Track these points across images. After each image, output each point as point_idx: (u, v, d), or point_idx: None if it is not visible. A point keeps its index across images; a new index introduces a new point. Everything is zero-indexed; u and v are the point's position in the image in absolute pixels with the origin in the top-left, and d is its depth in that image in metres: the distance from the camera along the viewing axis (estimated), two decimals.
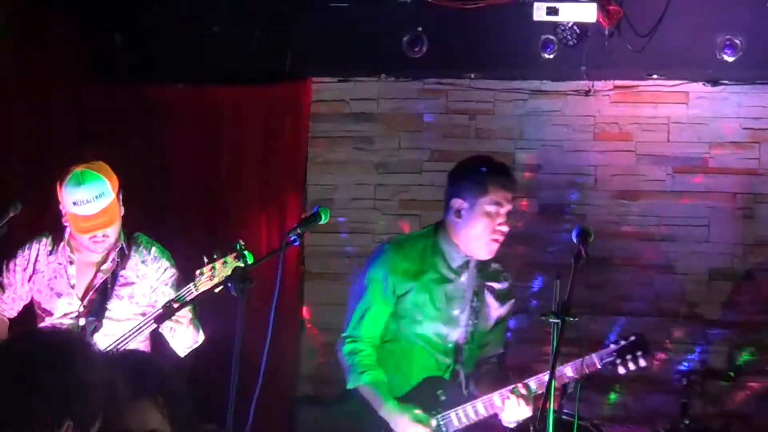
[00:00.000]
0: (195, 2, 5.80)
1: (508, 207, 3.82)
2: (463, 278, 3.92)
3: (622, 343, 3.65)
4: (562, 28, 5.29)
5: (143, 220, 5.76)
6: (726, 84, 5.62)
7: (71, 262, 4.12)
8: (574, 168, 5.79)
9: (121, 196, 4.08)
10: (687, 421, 4.94)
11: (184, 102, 5.98)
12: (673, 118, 5.70)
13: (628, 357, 3.64)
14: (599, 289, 5.66)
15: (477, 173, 3.86)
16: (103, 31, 5.79)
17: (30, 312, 4.24)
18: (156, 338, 4.18)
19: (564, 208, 5.72)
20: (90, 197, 3.91)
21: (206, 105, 5.97)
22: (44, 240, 4.18)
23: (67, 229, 4.11)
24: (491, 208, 3.79)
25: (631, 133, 5.75)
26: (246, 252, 3.68)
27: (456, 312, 3.91)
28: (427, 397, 3.85)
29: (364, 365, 3.89)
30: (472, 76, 5.84)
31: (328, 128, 6.02)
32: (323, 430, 5.37)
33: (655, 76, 5.62)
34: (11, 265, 4.17)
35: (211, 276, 3.77)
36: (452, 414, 3.81)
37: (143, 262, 4.16)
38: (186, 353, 4.23)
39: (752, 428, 5.43)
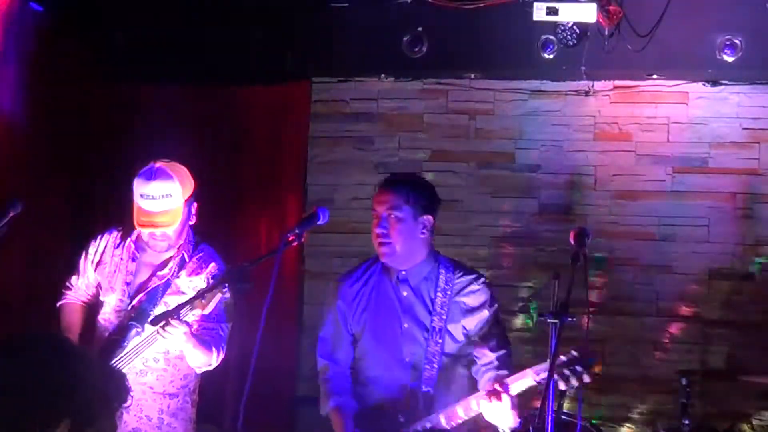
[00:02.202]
0: (195, 2, 5.80)
1: (380, 209, 3.80)
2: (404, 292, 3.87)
3: (561, 358, 3.42)
4: (562, 28, 5.28)
5: None
6: (726, 84, 5.62)
7: (133, 259, 4.11)
8: (574, 168, 5.79)
9: (193, 204, 4.09)
10: (687, 421, 4.95)
11: (184, 102, 5.98)
12: (673, 118, 5.70)
13: (567, 372, 3.41)
14: (599, 289, 5.67)
15: None
16: (103, 31, 5.79)
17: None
18: None
19: (564, 208, 5.71)
20: (156, 194, 3.93)
21: (206, 105, 5.97)
22: (114, 232, 4.20)
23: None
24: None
25: (631, 133, 5.75)
26: (230, 284, 3.68)
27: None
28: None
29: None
30: (472, 76, 5.84)
31: (328, 128, 6.02)
32: (323, 430, 5.38)
33: (655, 76, 5.62)
34: (85, 252, 4.19)
35: (205, 305, 3.75)
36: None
37: (198, 275, 4.10)
38: (200, 372, 4.17)
39: (752, 428, 5.43)
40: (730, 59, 5.21)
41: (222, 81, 5.95)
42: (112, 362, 3.89)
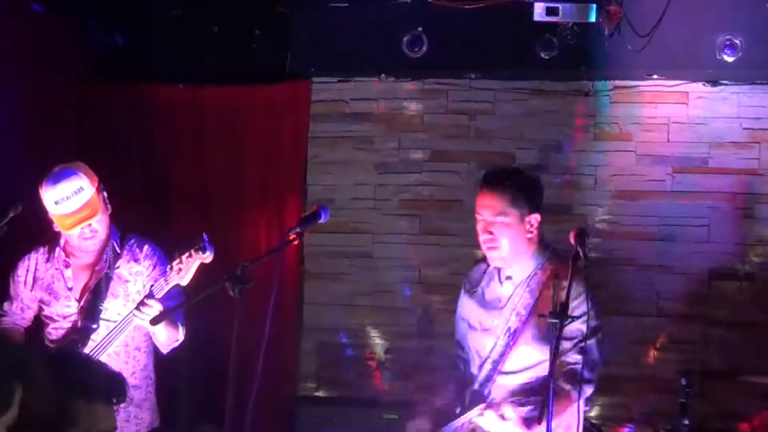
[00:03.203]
0: (195, 2, 5.80)
1: (480, 216, 3.75)
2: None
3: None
4: (562, 28, 5.28)
5: (143, 219, 5.79)
6: (726, 84, 5.62)
7: (67, 266, 4.18)
8: (574, 168, 5.79)
9: (104, 193, 4.12)
10: (687, 421, 4.94)
11: (184, 102, 5.98)
12: (673, 118, 5.70)
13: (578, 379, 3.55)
14: (599, 289, 5.67)
15: None
16: (103, 31, 5.79)
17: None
18: None
19: (564, 208, 5.71)
20: (69, 193, 3.97)
21: (206, 105, 5.97)
22: (40, 249, 4.27)
23: (62, 236, 4.16)
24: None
25: (631, 133, 5.75)
26: (206, 244, 3.75)
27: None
28: None
29: None
30: (472, 76, 5.84)
31: (328, 128, 6.02)
32: (323, 430, 5.39)
33: (655, 76, 5.62)
34: (15, 276, 4.27)
35: (180, 269, 3.84)
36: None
37: (136, 260, 4.21)
38: (168, 351, 4.25)
39: (752, 428, 5.42)
40: (730, 59, 5.20)
41: (222, 81, 5.95)
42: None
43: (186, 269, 3.85)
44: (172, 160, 5.99)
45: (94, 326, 4.07)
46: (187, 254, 3.84)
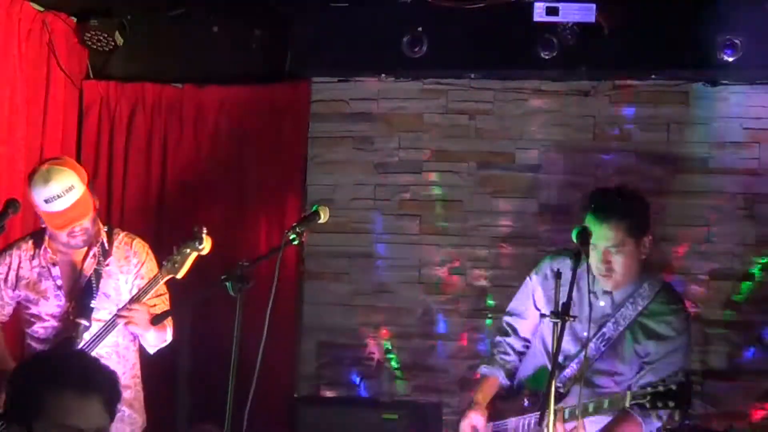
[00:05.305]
0: (195, 2, 5.79)
1: (602, 245, 3.71)
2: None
3: (660, 389, 3.49)
4: (562, 28, 5.28)
5: (142, 219, 5.81)
6: (726, 84, 5.61)
7: (54, 264, 4.11)
8: (574, 168, 5.78)
9: (92, 188, 4.06)
10: (687, 421, 4.94)
11: (184, 102, 5.98)
12: (673, 118, 5.70)
13: (659, 404, 3.49)
14: None
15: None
16: (103, 31, 5.78)
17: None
18: None
19: (564, 208, 5.71)
20: (60, 192, 3.90)
21: (206, 105, 5.97)
22: (23, 246, 4.18)
23: (47, 231, 4.10)
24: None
25: (631, 133, 5.74)
26: (203, 235, 3.74)
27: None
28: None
29: None
30: (472, 76, 5.83)
31: (328, 128, 6.01)
32: (323, 430, 5.38)
33: (654, 76, 5.62)
34: None
35: (174, 263, 3.83)
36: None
37: (125, 257, 4.16)
38: (155, 351, 4.23)
39: (752, 428, 5.43)
40: (730, 59, 5.20)
41: (222, 81, 5.95)
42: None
43: (182, 262, 3.83)
44: (172, 161, 5.98)
45: (87, 324, 4.02)
46: (183, 246, 3.83)
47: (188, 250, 3.88)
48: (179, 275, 3.92)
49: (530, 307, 4.05)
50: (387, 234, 5.94)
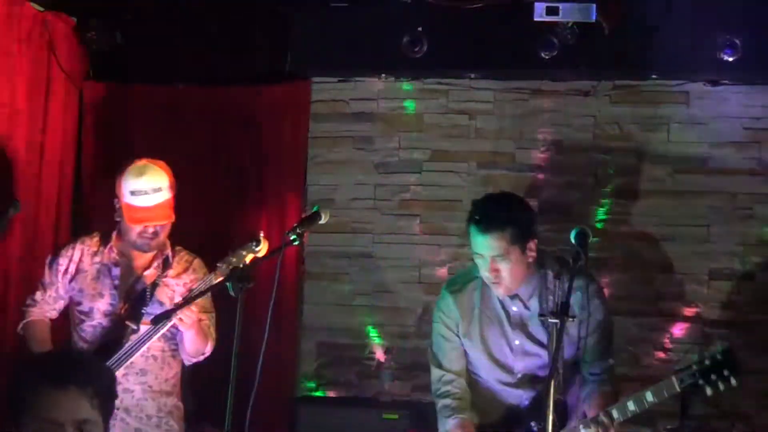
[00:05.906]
0: (195, 2, 5.79)
1: (487, 254, 3.74)
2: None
3: (707, 362, 3.52)
4: (562, 28, 5.28)
5: None
6: (726, 84, 5.62)
7: (116, 264, 4.14)
8: (574, 168, 5.79)
9: (174, 201, 4.11)
10: (687, 422, 4.94)
11: (185, 102, 5.98)
12: (674, 118, 5.70)
13: (713, 377, 3.52)
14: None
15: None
16: (103, 31, 5.79)
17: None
18: None
19: (564, 208, 5.71)
20: (149, 189, 3.97)
21: (206, 105, 5.97)
22: (88, 241, 4.22)
23: (114, 233, 4.14)
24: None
25: (631, 133, 5.75)
26: (260, 237, 3.78)
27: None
28: None
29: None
30: (472, 76, 5.84)
31: (328, 128, 6.02)
32: (323, 430, 5.38)
33: (654, 76, 5.62)
34: (54, 265, 4.20)
35: (229, 264, 3.84)
36: None
37: (185, 271, 4.21)
38: (192, 363, 4.23)
39: (752, 428, 5.43)
40: (730, 59, 5.20)
41: (222, 81, 5.95)
42: (111, 362, 3.92)
43: (237, 264, 3.82)
44: (172, 161, 5.96)
45: (135, 328, 4.02)
46: (240, 248, 3.85)
47: (244, 252, 3.87)
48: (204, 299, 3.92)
49: (454, 340, 3.97)
50: (387, 234, 5.94)
